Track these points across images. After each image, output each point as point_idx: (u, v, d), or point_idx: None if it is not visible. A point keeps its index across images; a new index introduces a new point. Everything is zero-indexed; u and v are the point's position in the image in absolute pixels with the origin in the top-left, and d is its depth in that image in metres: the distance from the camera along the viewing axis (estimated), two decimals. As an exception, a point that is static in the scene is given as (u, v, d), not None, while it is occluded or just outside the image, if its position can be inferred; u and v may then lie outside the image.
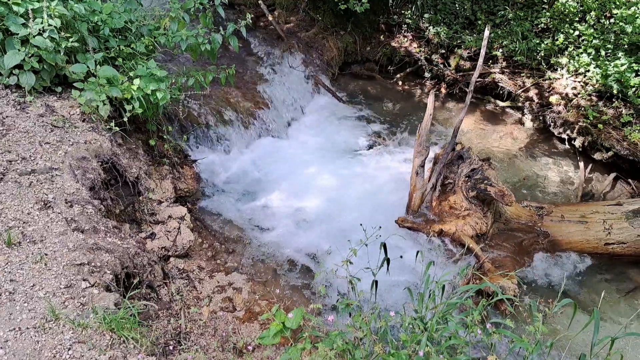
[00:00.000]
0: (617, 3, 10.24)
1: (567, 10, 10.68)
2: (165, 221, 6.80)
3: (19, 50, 5.66)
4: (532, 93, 10.76)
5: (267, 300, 6.38)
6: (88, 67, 6.07)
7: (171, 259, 6.52)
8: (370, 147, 10.39)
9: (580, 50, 10.30)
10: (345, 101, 11.86)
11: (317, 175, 9.25)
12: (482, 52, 8.22)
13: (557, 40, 10.54)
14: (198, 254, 6.98)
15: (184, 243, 6.65)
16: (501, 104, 11.40)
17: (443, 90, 12.07)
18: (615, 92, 9.51)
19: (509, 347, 3.63)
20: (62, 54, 5.99)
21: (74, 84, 6.05)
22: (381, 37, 12.69)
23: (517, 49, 10.92)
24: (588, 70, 9.99)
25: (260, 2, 11.58)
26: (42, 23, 5.73)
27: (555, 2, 11.00)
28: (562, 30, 10.67)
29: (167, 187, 7.28)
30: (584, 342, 6.04)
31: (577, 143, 9.98)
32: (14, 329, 3.67)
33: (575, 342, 5.86)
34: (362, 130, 10.92)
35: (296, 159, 9.66)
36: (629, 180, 9.27)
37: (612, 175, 9.46)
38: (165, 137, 7.49)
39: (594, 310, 3.55)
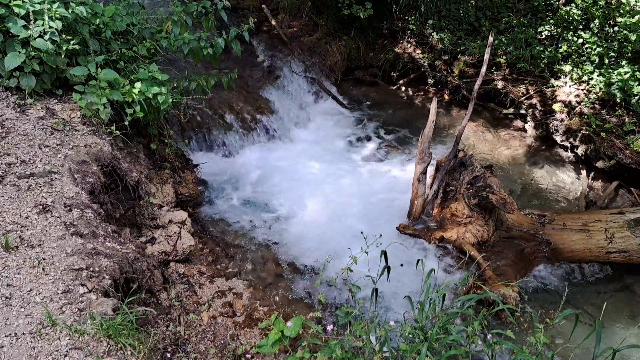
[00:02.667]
0: (621, 11, 10.22)
1: (571, 18, 10.66)
2: (166, 225, 6.77)
3: (19, 52, 5.63)
4: (535, 100, 10.71)
5: (268, 306, 6.35)
6: (89, 70, 6.03)
7: (171, 264, 6.50)
8: (372, 153, 10.36)
9: (584, 58, 10.27)
10: (348, 106, 11.84)
11: (319, 181, 9.23)
12: (486, 58, 8.18)
13: (560, 47, 10.52)
14: (198, 258, 6.96)
15: (184, 248, 6.62)
16: (504, 111, 11.36)
17: (446, 97, 12.03)
18: (618, 100, 9.47)
19: (511, 358, 3.59)
20: (63, 56, 5.96)
21: (75, 87, 6.02)
22: (384, 42, 12.66)
23: (520, 56, 10.89)
24: (591, 78, 9.95)
25: (263, 6, 11.58)
26: (43, 25, 5.70)
27: (559, 10, 10.99)
28: (565, 37, 10.65)
29: (168, 191, 7.26)
30: (586, 352, 6.00)
31: (580, 151, 9.93)
32: (10, 334, 3.64)
33: (577, 352, 5.82)
34: (364, 135, 10.89)
35: (298, 164, 9.64)
36: (632, 188, 9.22)
37: (615, 183, 9.41)
38: (166, 141, 7.46)
39: (596, 321, 3.51)
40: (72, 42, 5.94)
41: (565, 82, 10.39)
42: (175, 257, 6.56)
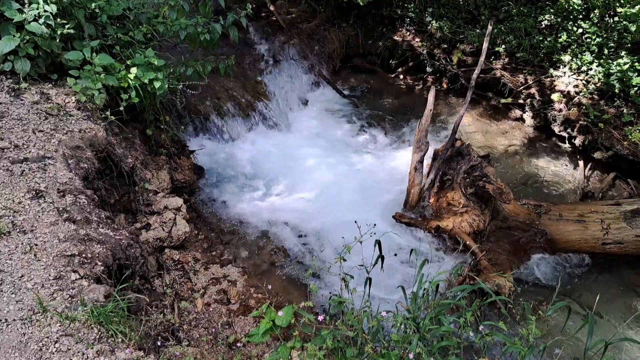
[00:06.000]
0: (622, 1, 10.16)
1: (571, 8, 10.60)
2: (161, 212, 6.76)
3: (13, 36, 5.59)
4: (534, 90, 10.68)
5: (262, 293, 6.34)
6: (84, 54, 5.99)
7: (166, 250, 6.48)
8: (369, 141, 10.34)
9: (583, 48, 10.22)
10: (345, 94, 11.81)
11: (315, 169, 9.21)
12: (485, 47, 8.15)
13: (560, 37, 10.46)
14: (193, 245, 6.93)
15: (179, 234, 6.60)
16: (502, 100, 11.32)
17: (444, 86, 12.00)
18: (617, 91, 9.44)
19: (502, 350, 3.59)
20: (58, 40, 5.92)
21: (70, 72, 5.98)
22: (383, 30, 12.61)
23: (519, 45, 10.84)
24: (590, 69, 9.91)
25: (262, -8, 11.52)
26: (37, 9, 5.66)
27: (560, -1, 10.95)
28: (565, 27, 10.59)
29: (164, 177, 7.23)
30: (579, 343, 6.00)
31: (578, 142, 9.91)
32: (0, 320, 3.62)
33: (570, 343, 5.82)
34: (361, 124, 10.87)
35: (294, 151, 9.61)
36: (629, 180, 9.21)
37: (612, 174, 9.40)
38: (162, 127, 7.43)
39: (588, 314, 3.50)
40: (67, 26, 5.90)
41: (564, 72, 10.35)
42: (170, 243, 6.54)
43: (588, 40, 10.25)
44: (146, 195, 6.71)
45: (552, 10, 10.88)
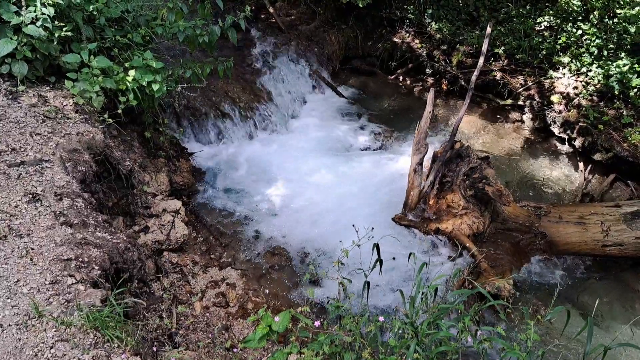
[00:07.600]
0: (621, 3, 10.14)
1: (570, 9, 10.58)
2: (160, 214, 6.74)
3: (11, 38, 5.58)
4: (533, 92, 10.65)
5: (261, 296, 6.33)
6: (82, 57, 5.97)
7: (165, 253, 6.47)
8: (368, 143, 10.31)
9: (583, 50, 10.19)
10: (345, 96, 11.78)
11: (315, 172, 9.18)
12: (484, 49, 8.13)
13: (559, 39, 10.44)
14: (192, 248, 6.92)
15: (177, 237, 6.59)
16: (502, 102, 11.30)
17: (444, 87, 11.96)
18: (616, 92, 9.41)
19: (501, 356, 3.56)
20: (55, 43, 5.90)
21: (68, 74, 5.96)
22: (383, 32, 12.58)
23: (519, 46, 10.82)
24: (590, 70, 9.89)
25: (261, -7, 11.50)
26: (35, 11, 5.65)
27: (559, 0, 10.91)
28: (565, 29, 10.57)
29: (163, 180, 7.22)
30: (579, 345, 5.98)
31: (577, 143, 9.88)
32: (-4, 325, 3.61)
33: (569, 348, 5.79)
34: (361, 126, 10.84)
35: (293, 154, 9.59)
36: (629, 181, 9.19)
37: (612, 176, 9.37)
38: (161, 129, 7.41)
39: (588, 318, 3.48)
40: (64, 29, 5.89)
41: (564, 74, 10.33)
42: (169, 246, 6.53)
43: (587, 41, 10.23)
44: (145, 198, 6.69)
45: (551, 12, 10.87)
